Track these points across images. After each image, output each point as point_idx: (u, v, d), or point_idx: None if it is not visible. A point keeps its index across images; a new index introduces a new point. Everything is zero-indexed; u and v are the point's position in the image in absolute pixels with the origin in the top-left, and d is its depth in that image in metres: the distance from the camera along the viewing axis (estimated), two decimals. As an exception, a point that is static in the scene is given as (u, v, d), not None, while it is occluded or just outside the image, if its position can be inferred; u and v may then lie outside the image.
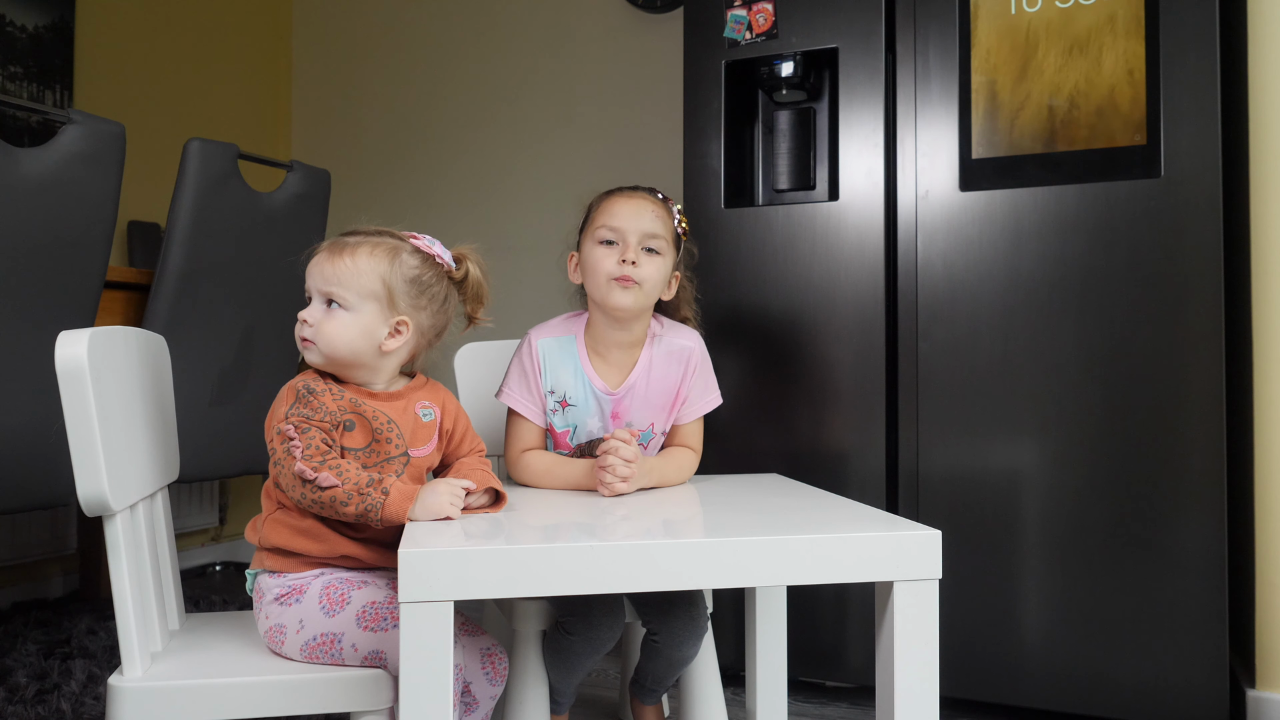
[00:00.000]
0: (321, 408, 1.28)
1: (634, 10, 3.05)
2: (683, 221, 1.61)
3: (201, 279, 2.07)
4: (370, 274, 1.30)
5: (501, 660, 1.33)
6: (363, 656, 1.22)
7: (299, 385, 1.30)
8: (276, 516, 1.31)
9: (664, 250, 1.55)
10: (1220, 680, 1.71)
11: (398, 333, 1.32)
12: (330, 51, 3.54)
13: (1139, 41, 1.80)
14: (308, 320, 1.31)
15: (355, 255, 1.31)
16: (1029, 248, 1.85)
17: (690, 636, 1.54)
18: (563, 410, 1.58)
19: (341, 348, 1.30)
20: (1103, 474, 1.80)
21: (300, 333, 1.32)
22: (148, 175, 2.91)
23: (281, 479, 1.25)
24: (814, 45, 2.02)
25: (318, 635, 1.23)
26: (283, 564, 1.30)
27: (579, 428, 1.58)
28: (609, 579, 1.02)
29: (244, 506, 3.42)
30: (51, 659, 2.11)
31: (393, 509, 1.20)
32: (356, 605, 1.24)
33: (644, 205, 1.55)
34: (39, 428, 1.80)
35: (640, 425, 1.59)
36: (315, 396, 1.28)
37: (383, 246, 1.32)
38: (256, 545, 1.34)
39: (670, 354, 1.61)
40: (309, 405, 1.27)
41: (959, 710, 1.93)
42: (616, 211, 1.54)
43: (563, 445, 1.59)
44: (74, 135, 1.77)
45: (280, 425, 1.26)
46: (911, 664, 1.06)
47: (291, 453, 1.23)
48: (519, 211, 3.17)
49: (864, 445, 1.95)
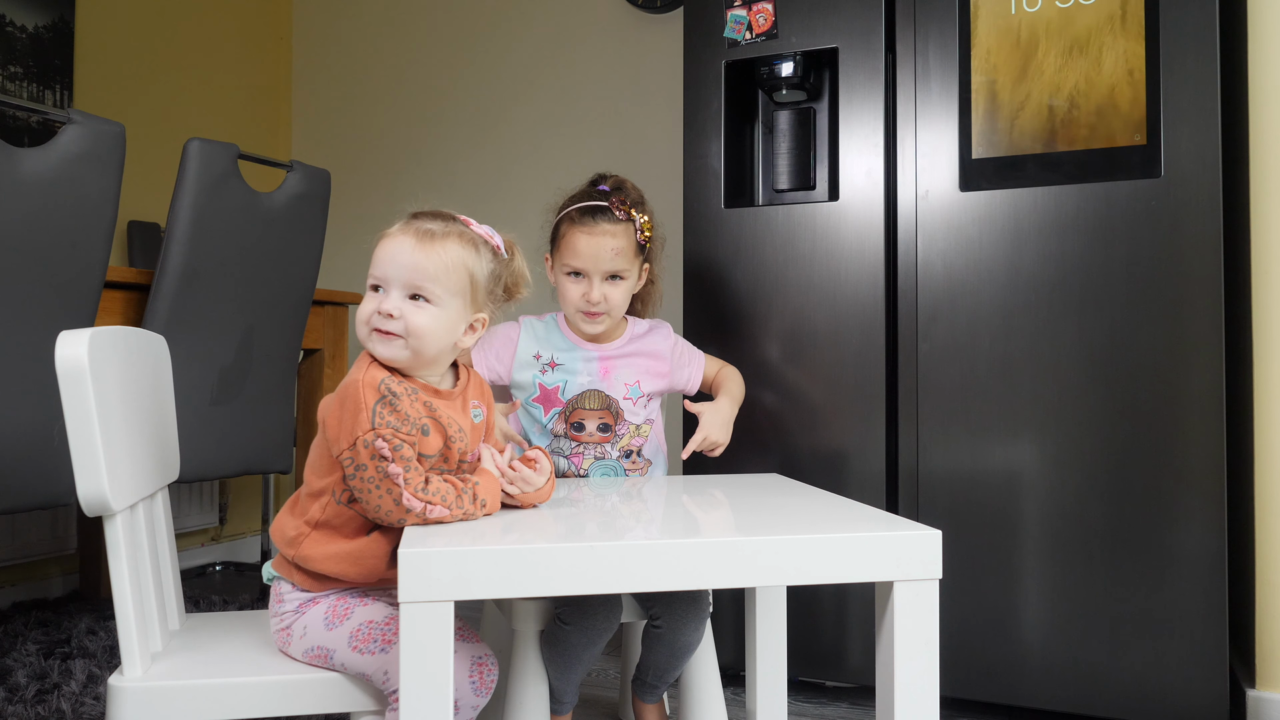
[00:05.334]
0: (408, 416, 1.18)
1: (634, 10, 3.05)
2: (645, 230, 1.68)
3: (201, 279, 2.07)
4: (461, 268, 1.23)
5: (491, 672, 1.26)
6: (352, 675, 1.21)
7: (380, 385, 1.18)
8: (317, 539, 1.24)
9: (629, 272, 1.67)
10: (1220, 680, 1.71)
11: (473, 329, 1.27)
12: (330, 51, 3.54)
13: (1139, 41, 1.80)
14: (393, 313, 1.20)
15: (447, 247, 1.22)
16: (1029, 248, 1.85)
17: (694, 619, 1.55)
18: (552, 369, 1.68)
19: (432, 345, 1.22)
20: (1103, 474, 1.80)
21: (383, 325, 1.20)
22: (148, 175, 2.92)
23: (373, 499, 1.15)
24: (814, 45, 2.02)
25: (315, 646, 1.23)
26: (312, 584, 1.26)
27: (569, 382, 1.68)
28: (609, 579, 1.02)
29: (244, 506, 3.42)
30: (51, 659, 2.11)
31: (490, 511, 1.20)
32: (353, 623, 1.21)
33: (604, 243, 1.64)
34: (39, 428, 1.80)
35: (628, 381, 1.69)
36: (400, 400, 1.18)
37: (466, 237, 1.25)
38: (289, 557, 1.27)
39: (651, 329, 1.78)
40: (396, 412, 1.17)
41: (959, 710, 1.93)
42: (579, 251, 1.64)
43: (556, 402, 1.67)
44: (74, 135, 1.77)
45: (367, 436, 1.14)
46: (911, 664, 1.06)
47: (391, 476, 1.13)
48: (519, 211, 3.15)
49: (864, 445, 1.95)
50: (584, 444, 1.67)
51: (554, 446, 1.68)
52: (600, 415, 1.67)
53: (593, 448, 1.67)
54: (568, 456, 1.67)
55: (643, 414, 1.71)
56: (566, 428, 1.67)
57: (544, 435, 1.68)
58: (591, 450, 1.67)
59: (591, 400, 1.67)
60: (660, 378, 1.73)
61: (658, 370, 1.72)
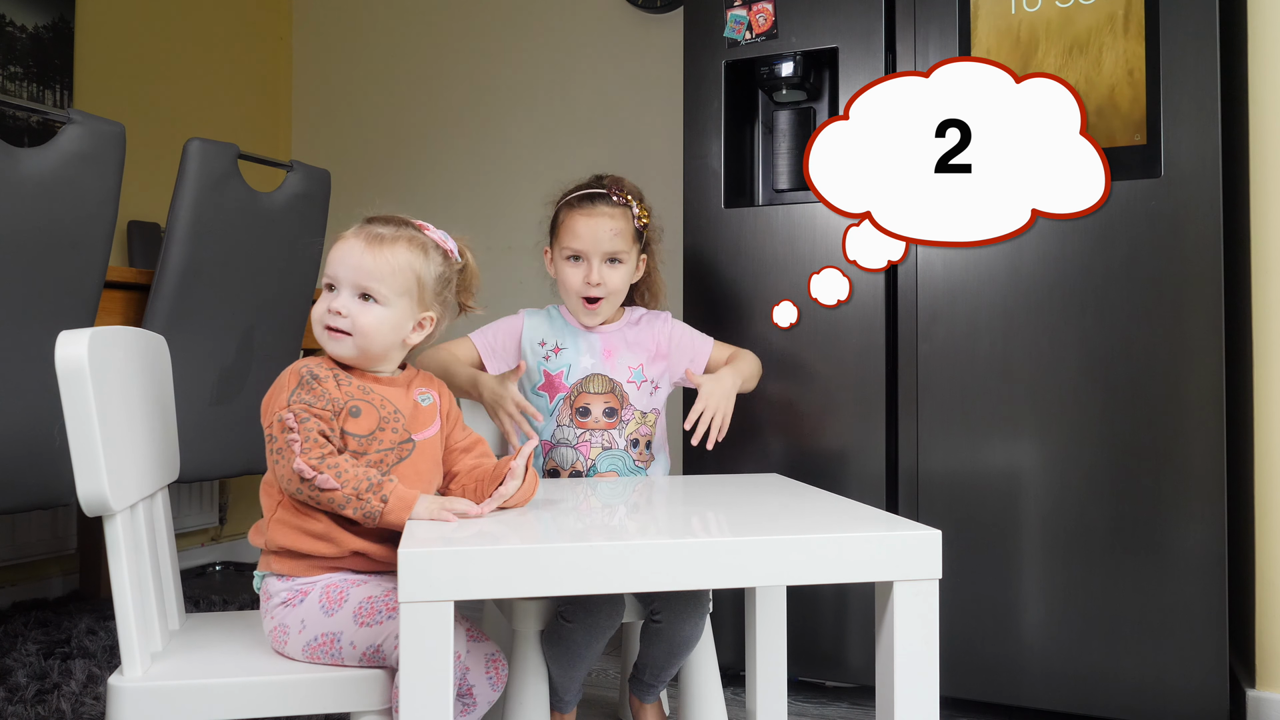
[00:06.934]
0: (324, 394, 1.26)
1: (634, 10, 3.05)
2: (643, 217, 1.72)
3: (201, 279, 2.07)
4: (408, 270, 1.30)
5: (503, 666, 1.32)
6: (361, 654, 1.22)
7: (302, 370, 1.27)
8: (281, 517, 1.29)
9: (627, 255, 1.69)
10: (1220, 680, 1.71)
11: (421, 327, 1.35)
12: (330, 51, 3.54)
13: (1139, 41, 1.80)
14: (341, 312, 1.28)
15: (395, 250, 1.30)
16: (1029, 248, 1.85)
17: (693, 613, 1.54)
18: (555, 355, 1.71)
19: (378, 343, 1.30)
20: (1103, 474, 1.80)
21: (333, 323, 1.29)
22: (148, 175, 2.91)
23: (279, 469, 1.23)
24: (814, 45, 2.02)
25: (318, 635, 1.23)
26: (291, 567, 1.28)
27: (573, 366, 1.69)
28: (609, 579, 1.02)
29: (244, 506, 3.42)
30: (51, 659, 2.11)
31: (392, 517, 1.19)
32: (354, 602, 1.24)
33: (602, 224, 1.67)
34: (39, 428, 1.80)
35: (631, 364, 1.71)
36: (319, 383, 1.26)
37: (416, 241, 1.33)
38: (262, 548, 1.32)
39: (650, 314, 1.80)
40: (312, 392, 1.25)
41: (959, 710, 1.93)
42: (578, 233, 1.67)
43: (560, 387, 1.68)
44: (74, 135, 1.77)
45: (281, 413, 1.24)
46: (911, 664, 1.06)
47: (291, 446, 1.21)
48: (519, 211, 3.16)
49: (864, 445, 1.95)
50: (590, 430, 1.67)
51: (560, 437, 1.68)
52: (605, 399, 1.68)
53: (599, 434, 1.67)
54: (574, 446, 1.67)
55: (649, 401, 1.72)
56: (572, 413, 1.67)
57: (550, 425, 1.68)
58: (599, 438, 1.67)
59: (596, 384, 1.68)
60: (660, 359, 1.74)
61: (658, 353, 1.75)
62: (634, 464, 1.68)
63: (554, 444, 1.68)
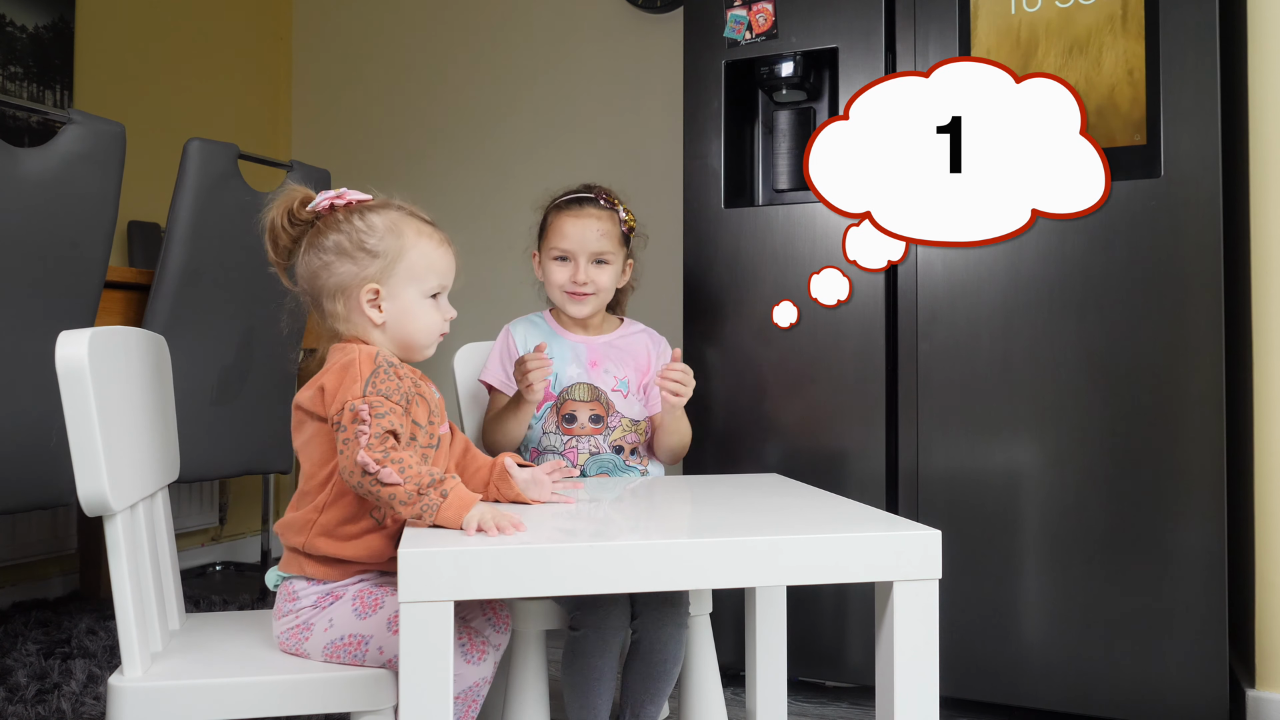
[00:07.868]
0: (399, 386, 1.23)
1: (634, 10, 3.04)
2: (629, 221, 1.75)
3: (201, 279, 2.07)
4: None
5: (502, 607, 1.33)
6: (387, 659, 1.22)
7: (377, 357, 1.24)
8: (324, 524, 1.26)
9: (613, 256, 1.72)
10: (1220, 680, 1.71)
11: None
12: (330, 51, 3.53)
13: (1139, 41, 1.80)
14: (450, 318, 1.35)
15: None
16: (1029, 248, 1.85)
17: (670, 622, 1.53)
18: None
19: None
20: (1103, 474, 1.80)
21: (446, 331, 1.35)
22: (148, 175, 2.91)
23: (343, 459, 1.18)
24: (814, 45, 2.02)
25: (345, 636, 1.23)
26: (326, 573, 1.26)
27: (559, 375, 1.69)
28: (609, 579, 1.02)
29: (244, 506, 3.42)
30: (51, 659, 2.11)
31: (449, 513, 1.13)
32: (389, 610, 1.23)
33: (590, 225, 1.69)
34: (39, 428, 1.80)
35: (617, 374, 1.72)
36: (395, 370, 1.24)
37: None
38: (297, 549, 1.27)
39: (647, 333, 1.81)
40: (388, 381, 1.22)
41: (959, 710, 1.93)
42: (566, 233, 1.70)
43: (547, 396, 1.69)
44: (74, 135, 1.77)
45: (355, 402, 1.18)
46: (911, 664, 1.06)
47: (359, 438, 1.16)
48: (519, 211, 3.16)
49: (864, 445, 1.95)
50: (577, 436, 1.68)
51: (547, 444, 1.68)
52: (591, 406, 1.69)
53: (586, 440, 1.68)
54: (561, 452, 1.67)
55: (640, 410, 1.73)
56: (559, 420, 1.68)
57: (536, 432, 1.69)
58: (585, 444, 1.67)
59: (581, 391, 1.69)
60: (643, 375, 1.76)
61: (641, 368, 1.76)
62: (624, 465, 1.68)
63: (541, 450, 1.69)
